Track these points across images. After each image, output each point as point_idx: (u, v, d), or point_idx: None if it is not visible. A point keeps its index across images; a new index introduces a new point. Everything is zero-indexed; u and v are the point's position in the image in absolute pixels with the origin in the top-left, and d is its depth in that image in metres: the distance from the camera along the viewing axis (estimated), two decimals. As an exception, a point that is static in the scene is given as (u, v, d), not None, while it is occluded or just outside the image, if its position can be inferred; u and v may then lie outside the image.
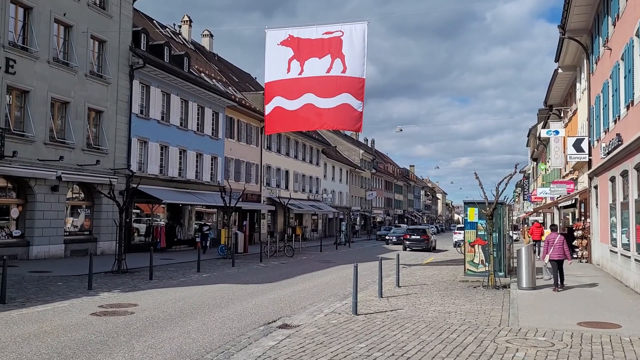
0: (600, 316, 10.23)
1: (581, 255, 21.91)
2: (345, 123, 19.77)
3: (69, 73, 23.01)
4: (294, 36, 19.35)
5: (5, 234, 20.84)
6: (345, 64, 18.82)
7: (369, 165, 76.81)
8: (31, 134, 20.93)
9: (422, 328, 9.17)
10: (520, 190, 75.69)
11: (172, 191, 29.46)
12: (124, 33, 26.10)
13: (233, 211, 28.28)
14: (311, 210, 49.93)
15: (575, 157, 21.68)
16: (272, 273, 19.13)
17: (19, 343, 8.19)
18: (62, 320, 9.86)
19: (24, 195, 21.47)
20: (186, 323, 9.89)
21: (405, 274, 18.10)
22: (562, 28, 20.56)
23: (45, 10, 21.77)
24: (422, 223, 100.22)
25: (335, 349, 7.65)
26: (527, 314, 10.42)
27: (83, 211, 24.74)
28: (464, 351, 7.55)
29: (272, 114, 19.96)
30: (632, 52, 13.36)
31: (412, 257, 28.66)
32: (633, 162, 13.21)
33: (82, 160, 23.39)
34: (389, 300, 12.29)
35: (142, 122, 27.57)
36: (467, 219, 16.91)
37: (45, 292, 13.35)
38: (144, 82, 27.82)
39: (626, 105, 14.22)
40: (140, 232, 28.48)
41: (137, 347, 8.04)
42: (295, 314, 10.93)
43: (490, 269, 14.79)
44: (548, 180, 35.25)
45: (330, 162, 60.24)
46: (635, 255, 13.24)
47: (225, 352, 7.79)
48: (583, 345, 7.87)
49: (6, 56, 19.91)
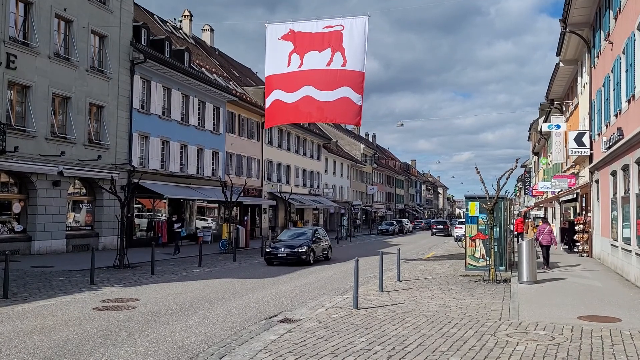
0: (600, 310, 10.25)
1: (582, 249, 21.91)
2: (345, 116, 19.77)
3: (70, 68, 23.00)
4: (294, 30, 19.34)
5: (8, 229, 20.90)
6: (345, 57, 18.80)
7: (370, 159, 76.79)
8: (32, 129, 20.95)
9: (422, 322, 9.20)
10: (522, 184, 75.66)
11: (173, 186, 29.50)
12: (124, 28, 26.06)
13: (234, 206, 28.32)
14: (312, 205, 49.97)
15: (577, 152, 21.65)
16: (274, 268, 19.18)
17: (21, 337, 8.23)
18: (64, 315, 9.91)
19: (25, 191, 21.51)
20: (188, 317, 9.93)
21: (406, 269, 18.14)
22: (563, 22, 20.49)
23: (45, 5, 21.74)
24: (423, 218, 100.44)
25: (336, 343, 7.68)
26: (528, 308, 10.45)
27: (85, 206, 24.79)
28: (464, 345, 7.58)
29: (271, 107, 19.99)
30: (634, 46, 13.32)
31: (413, 251, 28.69)
32: (634, 156, 13.20)
33: (84, 156, 23.42)
34: (390, 295, 12.32)
35: (143, 117, 27.57)
36: (468, 214, 16.93)
37: (48, 287, 13.40)
38: (145, 77, 27.81)
39: (627, 99, 14.19)
40: (142, 227, 28.55)
41: (139, 341, 8.09)
42: (296, 308, 10.97)
43: (491, 263, 14.81)
44: (549, 175, 35.24)
45: (332, 156, 60.22)
46: (636, 249, 13.25)
47: (226, 346, 7.83)
48: (583, 339, 7.90)
49: (7, 51, 19.90)
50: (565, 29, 20.83)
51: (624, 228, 14.84)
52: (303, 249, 20.13)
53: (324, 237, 22.98)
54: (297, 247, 20.12)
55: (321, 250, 21.97)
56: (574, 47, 23.09)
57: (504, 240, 16.50)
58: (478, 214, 16.52)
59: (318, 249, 21.49)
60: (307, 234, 22.08)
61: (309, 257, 20.23)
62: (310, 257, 20.35)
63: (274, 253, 19.99)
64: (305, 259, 19.96)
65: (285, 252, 19.87)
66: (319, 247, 21.63)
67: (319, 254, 21.69)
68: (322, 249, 22.08)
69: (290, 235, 22.24)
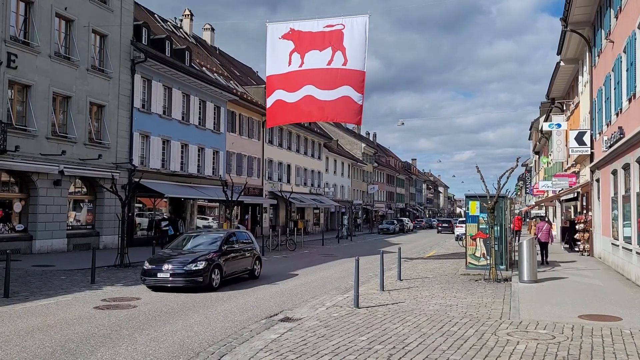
0: (601, 309, 10.25)
1: (583, 248, 21.90)
2: (346, 115, 19.77)
3: (71, 67, 23.01)
4: (295, 29, 19.33)
5: (9, 229, 20.92)
6: (346, 56, 18.80)
7: (370, 159, 76.76)
8: (33, 129, 20.96)
9: (423, 321, 9.21)
10: (522, 183, 75.61)
11: (174, 185, 29.51)
12: (125, 27, 26.06)
13: (235, 205, 28.33)
14: (313, 204, 49.97)
15: (577, 150, 21.65)
16: (274, 267, 19.18)
17: (22, 337, 8.25)
18: (65, 314, 9.92)
19: (26, 190, 21.52)
20: (188, 316, 9.94)
21: (406, 268, 18.14)
22: (564, 21, 20.47)
23: (46, 5, 21.74)
24: (423, 217, 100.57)
25: (336, 342, 7.68)
26: (528, 306, 10.45)
27: (85, 205, 24.81)
28: (465, 344, 7.58)
29: (273, 107, 19.98)
30: (635, 45, 13.31)
31: (414, 250, 28.68)
32: (635, 155, 13.20)
33: (84, 155, 23.43)
34: (391, 294, 12.33)
35: (144, 117, 27.58)
36: (469, 213, 16.92)
37: (49, 286, 13.42)
38: (146, 77, 27.81)
39: (628, 98, 14.19)
40: (143, 226, 28.56)
41: (140, 340, 8.10)
42: (297, 307, 10.98)
43: (491, 262, 14.81)
44: (550, 174, 35.23)
45: (332, 155, 60.21)
46: (636, 248, 13.25)
47: (227, 345, 7.83)
48: (583, 338, 7.90)
49: (8, 51, 19.90)
50: (566, 27, 20.81)
51: (624, 227, 14.83)
52: (199, 265, 12.94)
53: (248, 244, 15.91)
54: (189, 264, 12.94)
55: (240, 266, 14.91)
56: (574, 46, 23.07)
57: (504, 239, 16.49)
58: (479, 213, 16.52)
59: (232, 265, 14.35)
60: (216, 240, 14.51)
61: (209, 278, 13.04)
62: (212, 278, 13.20)
63: (151, 273, 12.94)
64: (202, 281, 12.84)
65: (168, 273, 12.77)
66: (233, 261, 14.47)
67: (234, 272, 14.54)
68: (240, 265, 14.94)
69: (190, 243, 14.91)
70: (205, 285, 12.94)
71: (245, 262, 15.29)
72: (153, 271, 12.96)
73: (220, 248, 14.04)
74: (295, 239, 29.26)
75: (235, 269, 14.58)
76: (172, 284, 12.81)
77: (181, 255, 13.66)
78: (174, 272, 12.81)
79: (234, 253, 14.63)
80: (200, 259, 13.13)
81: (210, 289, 13.09)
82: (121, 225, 18.57)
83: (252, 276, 15.59)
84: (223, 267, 13.74)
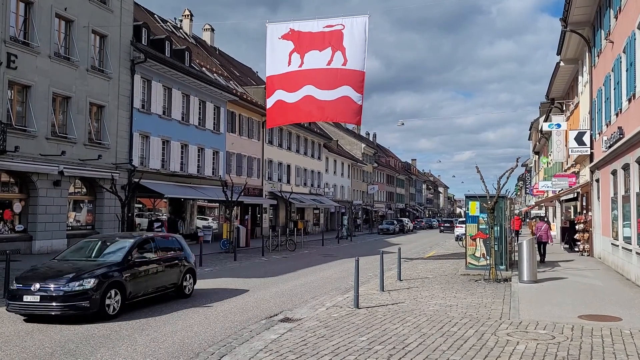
0: (600, 309, 10.25)
1: (583, 248, 21.90)
2: (345, 116, 19.77)
3: (70, 68, 23.01)
4: (294, 30, 19.33)
5: (8, 229, 20.92)
6: (345, 56, 18.80)
7: (370, 159, 76.77)
8: (33, 129, 20.96)
9: (423, 321, 9.21)
10: (522, 183, 75.63)
11: (174, 186, 29.51)
12: (124, 27, 26.06)
13: (235, 205, 28.34)
14: (313, 204, 49.97)
15: (577, 151, 21.65)
16: (274, 267, 19.19)
17: (22, 337, 8.25)
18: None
19: (26, 190, 21.52)
20: (188, 316, 9.94)
21: (406, 268, 18.13)
22: (564, 21, 20.48)
23: (46, 5, 21.74)
24: (423, 217, 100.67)
25: (336, 342, 7.68)
26: (528, 307, 10.45)
27: (85, 206, 24.80)
28: (465, 344, 7.58)
29: (273, 107, 19.98)
30: (634, 45, 13.31)
31: (414, 250, 28.68)
32: (634, 155, 13.20)
33: (84, 155, 23.42)
34: (391, 294, 12.33)
35: (144, 117, 27.58)
36: (468, 213, 16.92)
37: (48, 286, 13.37)
38: (145, 77, 27.81)
39: (628, 99, 14.19)
40: (142, 227, 28.55)
41: (140, 341, 8.10)
42: (297, 307, 10.98)
43: (491, 263, 14.81)
44: (550, 174, 35.24)
45: (332, 156, 60.22)
46: (636, 249, 13.25)
47: (227, 345, 7.84)
48: (583, 338, 7.90)
49: (7, 51, 19.90)
50: (565, 28, 20.81)
51: (624, 227, 14.84)
52: (85, 284, 9.31)
53: (176, 252, 12.12)
54: (71, 282, 9.27)
55: (159, 282, 11.17)
56: (574, 46, 23.08)
57: (504, 239, 16.50)
58: (479, 213, 16.52)
59: (144, 282, 10.68)
60: (121, 249, 10.68)
61: (100, 302, 9.36)
62: (107, 302, 9.51)
63: (17, 295, 9.37)
64: (89, 307, 9.23)
65: (38, 295, 9.19)
66: (147, 276, 10.79)
67: (149, 291, 10.84)
68: (160, 281, 11.22)
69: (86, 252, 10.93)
70: (95, 312, 9.31)
71: (169, 277, 11.49)
72: (19, 292, 9.34)
73: (125, 259, 10.31)
74: (295, 239, 29.26)
75: (150, 286, 10.85)
76: (43, 310, 9.16)
77: (63, 269, 9.82)
78: (46, 295, 9.13)
79: (148, 265, 10.88)
80: (87, 275, 9.43)
81: (104, 317, 9.41)
82: (121, 226, 18.60)
83: (181, 294, 11.93)
84: (127, 285, 9.99)
